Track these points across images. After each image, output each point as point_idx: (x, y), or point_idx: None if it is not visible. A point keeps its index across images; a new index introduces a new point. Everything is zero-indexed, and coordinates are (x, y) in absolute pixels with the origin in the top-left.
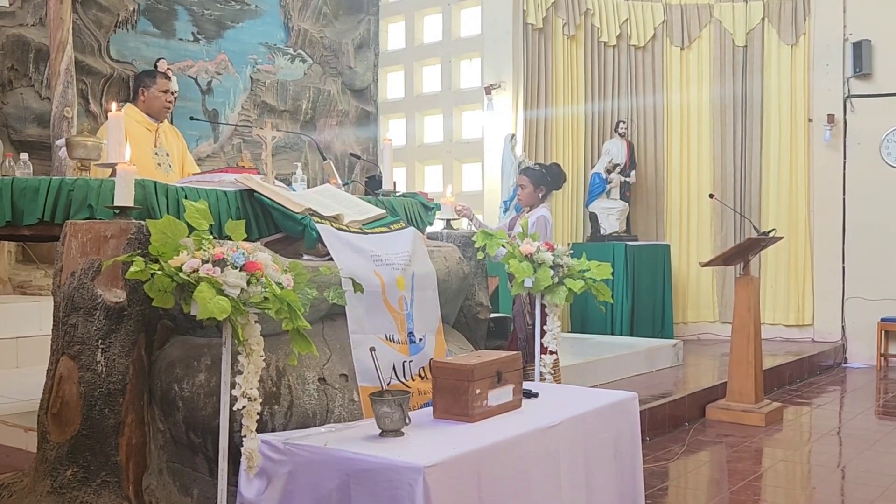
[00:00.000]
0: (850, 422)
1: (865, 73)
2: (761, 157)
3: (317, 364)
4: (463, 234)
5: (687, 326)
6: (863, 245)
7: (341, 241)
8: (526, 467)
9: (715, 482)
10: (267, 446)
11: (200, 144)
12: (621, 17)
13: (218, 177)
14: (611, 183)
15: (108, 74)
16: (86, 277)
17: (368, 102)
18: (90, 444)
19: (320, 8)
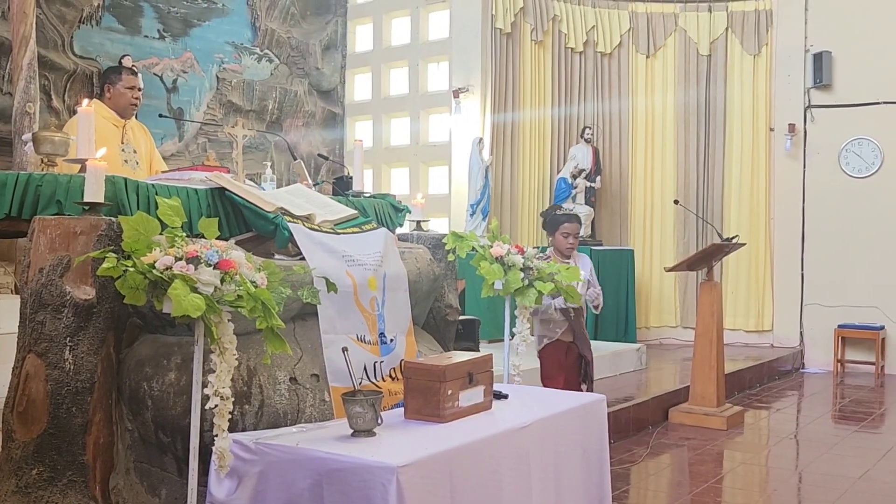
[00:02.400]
0: (808, 426)
1: (825, 84)
2: (724, 165)
3: (288, 364)
4: (433, 235)
5: (650, 331)
6: (821, 253)
7: (313, 240)
8: (497, 467)
9: (677, 485)
10: (238, 446)
11: (165, 143)
12: (588, 23)
13: (188, 174)
14: (576, 188)
15: (71, 70)
16: (54, 274)
17: (335, 104)
18: (57, 444)
19: (288, 8)
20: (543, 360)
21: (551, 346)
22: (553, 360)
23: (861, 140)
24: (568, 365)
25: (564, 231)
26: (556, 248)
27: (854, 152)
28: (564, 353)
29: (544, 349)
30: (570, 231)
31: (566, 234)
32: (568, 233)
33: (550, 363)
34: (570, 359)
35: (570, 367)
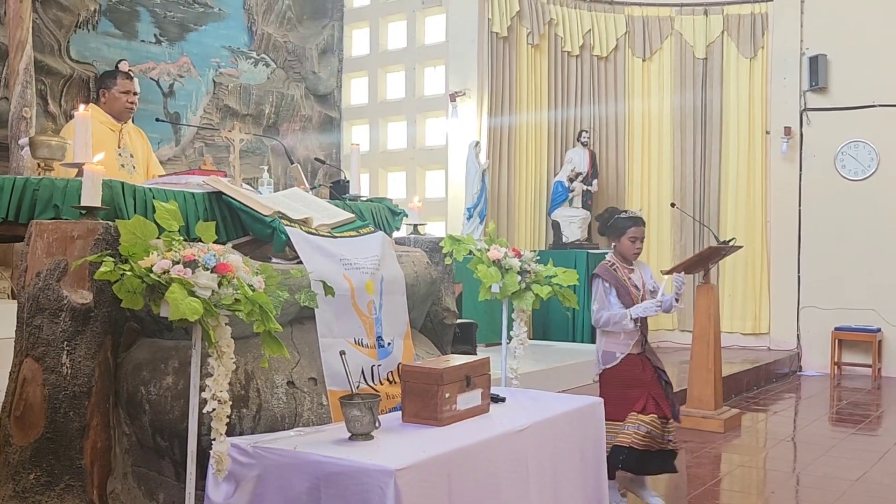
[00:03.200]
0: (805, 428)
1: (821, 87)
2: (720, 168)
3: (286, 367)
4: (430, 239)
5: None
6: (817, 255)
7: (310, 244)
8: (495, 470)
9: (675, 487)
10: (236, 450)
11: (161, 147)
12: (584, 27)
13: (185, 179)
14: (573, 191)
15: (67, 75)
16: (51, 278)
17: (332, 108)
18: (54, 448)
19: (284, 12)
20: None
21: (626, 360)
22: (630, 375)
23: (857, 143)
24: (646, 380)
25: (632, 235)
26: (622, 253)
27: (850, 155)
28: (640, 366)
29: (619, 366)
30: (637, 235)
31: (634, 239)
32: (636, 237)
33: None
34: (647, 373)
35: (650, 382)
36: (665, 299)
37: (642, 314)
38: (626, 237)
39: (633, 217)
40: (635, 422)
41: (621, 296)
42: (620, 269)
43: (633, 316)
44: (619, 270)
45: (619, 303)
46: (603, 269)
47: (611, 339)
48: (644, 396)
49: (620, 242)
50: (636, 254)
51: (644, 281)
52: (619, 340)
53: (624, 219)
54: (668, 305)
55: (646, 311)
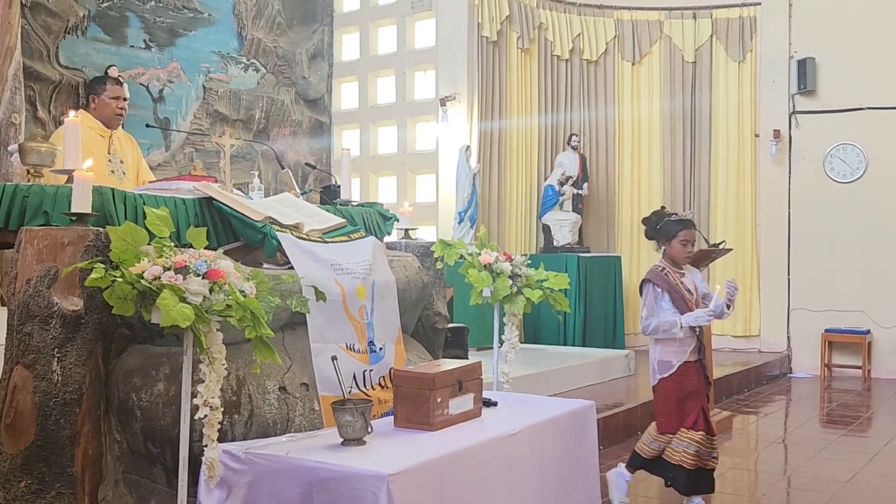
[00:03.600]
0: (795, 430)
1: (810, 90)
2: (710, 171)
3: (277, 373)
4: (421, 243)
5: (638, 337)
6: (807, 258)
7: (302, 249)
8: (487, 475)
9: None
10: (227, 456)
11: (151, 153)
12: (574, 31)
13: (175, 184)
14: (563, 195)
15: (56, 81)
16: (42, 285)
17: (322, 113)
18: (45, 455)
19: (274, 17)
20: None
21: (684, 369)
22: (687, 385)
23: (846, 145)
24: (699, 390)
25: (683, 239)
26: (672, 257)
27: (839, 158)
28: (696, 375)
29: (676, 374)
30: (688, 238)
31: (685, 242)
32: (686, 240)
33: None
34: (701, 382)
35: (701, 394)
36: (717, 306)
37: (694, 323)
38: (676, 241)
39: (684, 220)
40: (686, 440)
41: (675, 301)
42: (671, 273)
43: (683, 324)
44: (671, 275)
45: (673, 308)
46: (654, 274)
47: (666, 347)
48: (696, 410)
49: (671, 246)
50: (687, 257)
51: (696, 284)
52: (675, 348)
53: (674, 222)
54: (720, 312)
55: (698, 319)
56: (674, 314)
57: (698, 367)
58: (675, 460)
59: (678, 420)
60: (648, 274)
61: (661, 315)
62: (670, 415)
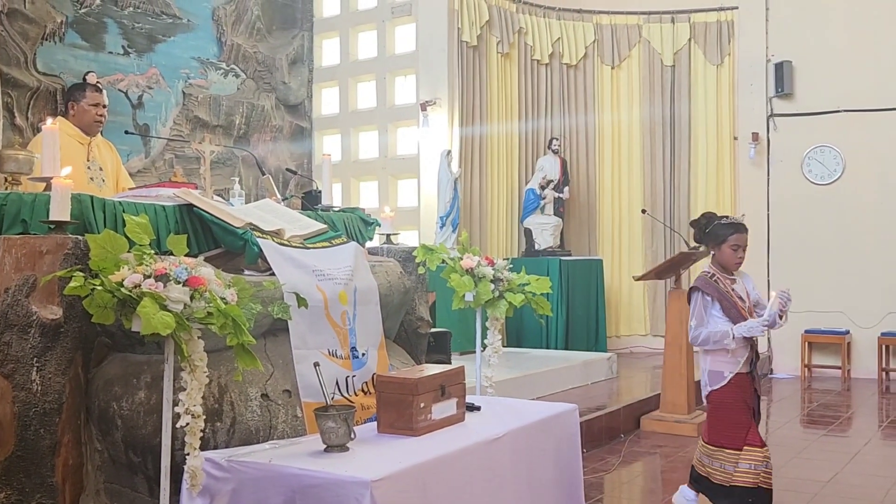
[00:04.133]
0: (776, 431)
1: (787, 93)
2: (690, 174)
3: (259, 380)
4: (403, 248)
5: (620, 340)
6: (786, 259)
7: (283, 255)
8: (471, 479)
9: (650, 492)
10: (210, 464)
11: (131, 159)
12: (553, 35)
13: (155, 191)
14: (545, 199)
15: (34, 87)
16: (20, 294)
17: (303, 118)
18: (25, 466)
19: (254, 23)
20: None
21: (736, 380)
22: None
23: (823, 148)
24: (751, 404)
25: (734, 243)
26: (722, 263)
27: (816, 160)
28: (749, 387)
29: (728, 386)
30: (739, 243)
31: (736, 247)
32: (738, 245)
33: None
34: (752, 396)
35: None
36: (771, 315)
37: (747, 334)
38: (727, 245)
39: (735, 223)
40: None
41: (726, 309)
42: (721, 279)
43: (736, 335)
44: (721, 282)
45: (724, 317)
46: (703, 281)
47: (717, 357)
48: (753, 422)
49: (721, 251)
50: (738, 263)
51: (748, 291)
52: (727, 358)
53: (724, 225)
54: (773, 322)
55: (751, 330)
56: (726, 323)
57: (751, 379)
58: (751, 483)
59: (736, 434)
60: (697, 281)
61: (711, 325)
62: (725, 428)
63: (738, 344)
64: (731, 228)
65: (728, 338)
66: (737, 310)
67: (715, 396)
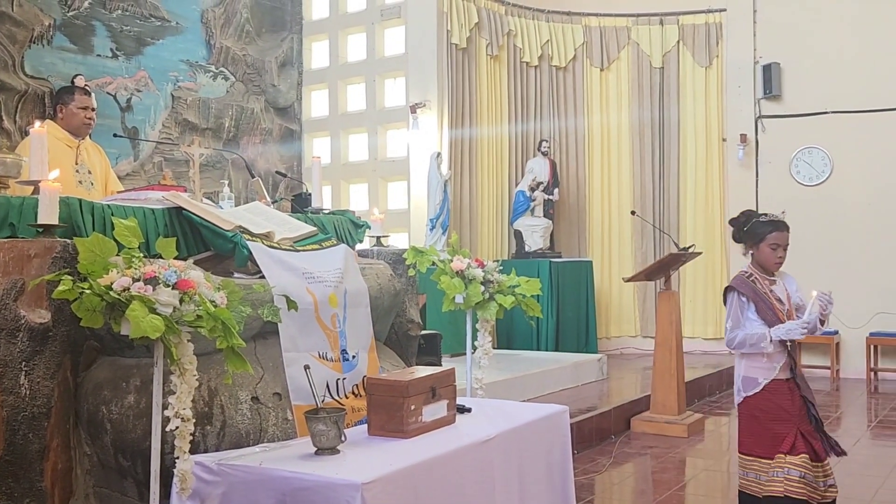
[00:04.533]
0: None
1: (775, 95)
2: (679, 175)
3: (249, 383)
4: (393, 250)
5: (610, 341)
6: None
7: (273, 258)
8: (462, 481)
9: (641, 493)
10: (200, 467)
11: (120, 163)
12: (542, 38)
13: (144, 194)
14: (534, 201)
15: (22, 90)
16: (8, 298)
17: (292, 120)
18: (13, 470)
19: (243, 25)
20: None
21: (771, 387)
22: (776, 405)
23: (811, 149)
24: (794, 412)
25: (773, 242)
26: (761, 262)
27: (804, 161)
28: (788, 395)
29: (762, 393)
30: (779, 242)
31: (775, 246)
32: (777, 244)
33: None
34: (795, 403)
35: (798, 415)
36: (811, 319)
37: (784, 337)
38: (765, 244)
39: (774, 221)
40: (784, 465)
41: (762, 311)
42: (760, 280)
43: (773, 338)
44: (759, 282)
45: (760, 319)
46: (739, 282)
47: (752, 362)
48: (792, 433)
49: (759, 250)
50: (778, 263)
51: (789, 294)
52: (762, 363)
53: (763, 223)
54: (814, 326)
55: (789, 333)
56: (762, 326)
57: (791, 385)
58: (779, 492)
59: (770, 443)
60: (733, 281)
61: (747, 327)
62: (759, 437)
63: (776, 349)
64: (770, 226)
65: (765, 340)
66: (773, 312)
67: (748, 404)
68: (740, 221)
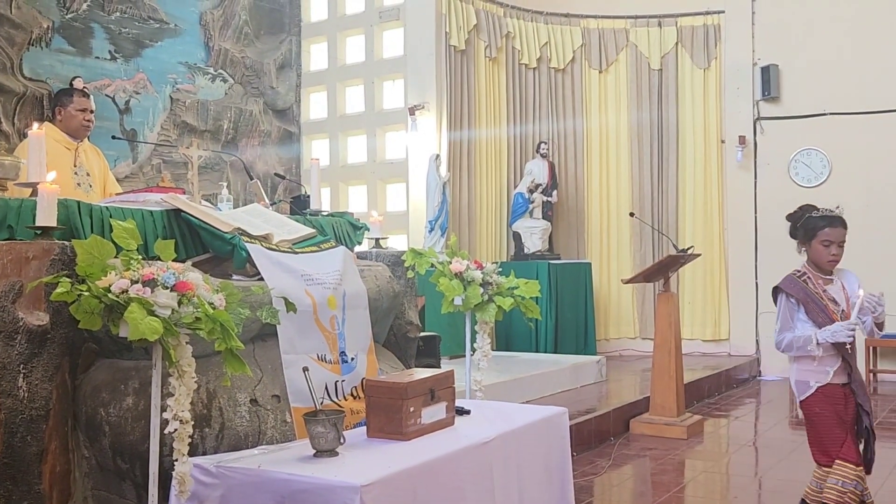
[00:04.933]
0: (766, 433)
1: (773, 97)
2: (677, 177)
3: (248, 385)
4: (392, 252)
5: (609, 343)
6: (774, 262)
7: (271, 260)
8: (461, 483)
9: (640, 495)
10: (199, 470)
11: (119, 165)
12: (541, 40)
13: (143, 196)
14: (533, 202)
15: (21, 93)
16: (6, 300)
17: (291, 123)
18: (11, 473)
19: (241, 28)
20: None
21: (824, 392)
22: (827, 409)
23: (809, 150)
24: (848, 420)
25: (825, 239)
26: (814, 261)
27: (803, 163)
28: (843, 401)
29: (812, 397)
30: (832, 238)
31: (827, 243)
32: (830, 240)
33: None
34: (849, 410)
35: (851, 424)
36: (857, 321)
37: (830, 339)
38: (817, 241)
39: (828, 216)
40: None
41: (811, 312)
42: (813, 280)
43: (820, 340)
44: (812, 282)
45: (810, 321)
46: (788, 282)
47: (803, 365)
48: (848, 439)
49: (811, 247)
50: (831, 261)
51: (847, 294)
52: (813, 367)
53: (816, 218)
54: (869, 328)
55: (835, 335)
56: (812, 328)
57: (847, 392)
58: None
59: (829, 447)
60: (782, 281)
61: (797, 329)
62: (816, 441)
63: (827, 351)
64: (824, 221)
65: (812, 343)
66: (826, 314)
67: (805, 407)
68: (796, 217)
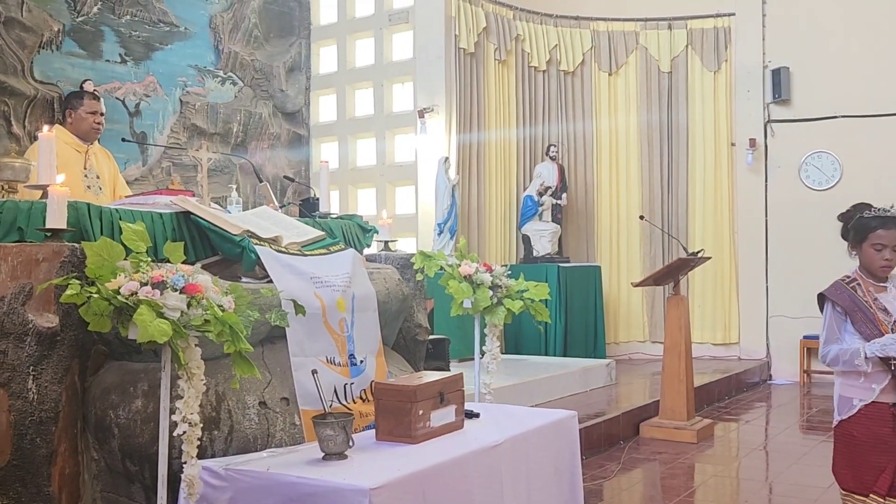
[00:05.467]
0: (776, 437)
1: (784, 99)
2: (687, 180)
3: (257, 388)
4: (401, 255)
5: (618, 346)
6: (785, 265)
7: (280, 263)
8: (470, 487)
9: (650, 499)
10: (207, 472)
11: (128, 167)
12: (551, 42)
13: (152, 199)
14: (543, 205)
15: (31, 96)
16: (16, 302)
17: (300, 125)
18: (21, 475)
19: (251, 31)
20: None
21: (869, 411)
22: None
23: (820, 153)
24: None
25: (876, 242)
26: (865, 266)
27: (814, 165)
28: (891, 423)
29: (857, 417)
30: (885, 241)
31: (880, 247)
32: (882, 244)
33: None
34: None
35: None
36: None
37: (879, 353)
38: (868, 244)
39: (881, 217)
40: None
41: (857, 323)
42: (864, 287)
43: (868, 354)
44: (861, 289)
45: (857, 333)
46: (834, 289)
47: (848, 380)
48: (891, 468)
49: (862, 251)
50: (885, 267)
51: None
52: (859, 383)
53: (867, 218)
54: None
55: (885, 349)
56: (860, 341)
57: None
58: None
59: (866, 474)
60: (827, 289)
61: (844, 341)
62: (851, 467)
63: (876, 367)
64: (876, 222)
65: (859, 357)
66: (874, 325)
67: (842, 428)
68: (847, 217)
